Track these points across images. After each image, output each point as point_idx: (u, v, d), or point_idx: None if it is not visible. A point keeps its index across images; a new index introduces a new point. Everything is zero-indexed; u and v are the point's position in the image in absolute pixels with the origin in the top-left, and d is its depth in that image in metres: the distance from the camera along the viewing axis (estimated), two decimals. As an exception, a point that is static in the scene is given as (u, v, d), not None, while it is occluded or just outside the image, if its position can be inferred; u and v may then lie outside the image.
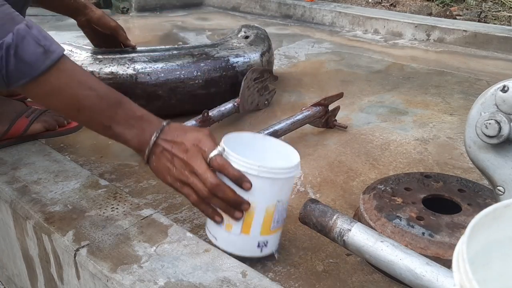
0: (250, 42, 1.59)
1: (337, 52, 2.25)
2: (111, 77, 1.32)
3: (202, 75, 1.39)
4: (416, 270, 0.67)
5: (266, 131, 1.21)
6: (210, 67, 1.41)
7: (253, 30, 1.67)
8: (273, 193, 0.76)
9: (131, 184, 1.10)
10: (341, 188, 1.09)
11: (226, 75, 1.43)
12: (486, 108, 0.72)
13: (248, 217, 0.76)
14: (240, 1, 3.29)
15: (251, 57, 1.51)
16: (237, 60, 1.46)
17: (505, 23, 3.03)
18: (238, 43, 1.56)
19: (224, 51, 1.48)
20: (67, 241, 0.76)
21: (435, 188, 0.92)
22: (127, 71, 1.32)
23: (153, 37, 2.49)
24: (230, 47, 1.52)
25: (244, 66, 1.47)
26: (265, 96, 1.53)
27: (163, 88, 1.35)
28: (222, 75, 1.42)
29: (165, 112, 1.26)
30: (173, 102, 1.38)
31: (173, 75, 1.36)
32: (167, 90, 1.36)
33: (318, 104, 1.33)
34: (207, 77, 1.39)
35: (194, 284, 0.67)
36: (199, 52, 1.44)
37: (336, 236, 0.76)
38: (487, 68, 2.02)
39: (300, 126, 1.29)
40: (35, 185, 0.92)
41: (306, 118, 1.30)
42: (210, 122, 1.33)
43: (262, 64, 1.54)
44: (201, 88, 1.40)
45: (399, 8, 3.37)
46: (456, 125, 1.42)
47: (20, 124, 1.09)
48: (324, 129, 1.38)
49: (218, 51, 1.47)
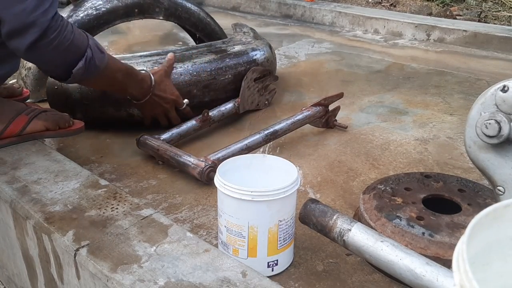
0: (254, 36, 1.62)
1: (337, 52, 2.25)
2: None
3: (231, 70, 1.42)
4: (416, 270, 0.67)
5: (266, 131, 1.21)
6: (236, 61, 1.44)
7: (245, 28, 1.71)
8: (273, 215, 0.76)
9: (131, 184, 1.10)
10: (341, 188, 1.09)
11: (250, 68, 1.46)
12: (486, 108, 0.72)
13: (252, 241, 0.77)
14: (240, 1, 3.29)
15: (264, 49, 1.55)
16: (256, 53, 1.51)
17: (505, 23, 3.03)
18: (245, 39, 1.58)
19: (239, 46, 1.50)
20: (67, 241, 0.76)
21: (435, 188, 0.92)
22: None
23: (153, 37, 2.49)
24: (242, 43, 1.54)
25: (262, 58, 1.51)
26: (265, 96, 1.53)
27: (198, 86, 1.36)
28: (247, 68, 1.45)
29: (198, 110, 1.31)
30: (207, 100, 1.39)
31: (205, 73, 1.37)
32: (201, 88, 1.37)
33: (318, 104, 1.33)
34: (234, 71, 1.43)
35: (194, 284, 0.67)
36: (217, 49, 1.45)
37: (336, 236, 0.76)
38: (487, 68, 2.02)
39: (300, 126, 1.29)
40: (35, 185, 0.92)
41: (306, 118, 1.30)
42: (210, 122, 1.33)
43: (273, 56, 1.58)
44: (231, 83, 1.42)
45: (399, 8, 3.37)
46: (456, 125, 1.42)
47: (20, 121, 1.09)
48: (324, 129, 1.38)
49: (233, 47, 1.49)
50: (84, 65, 0.98)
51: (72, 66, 0.98)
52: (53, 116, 1.15)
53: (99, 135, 1.35)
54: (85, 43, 0.99)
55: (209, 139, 1.33)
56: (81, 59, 0.98)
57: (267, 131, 1.21)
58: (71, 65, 0.98)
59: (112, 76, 1.09)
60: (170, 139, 1.22)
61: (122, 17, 1.57)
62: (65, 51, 0.95)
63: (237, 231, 0.77)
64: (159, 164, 1.18)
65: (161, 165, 1.17)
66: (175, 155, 1.12)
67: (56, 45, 0.92)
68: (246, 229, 0.76)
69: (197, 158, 1.08)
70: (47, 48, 0.92)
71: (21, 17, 0.88)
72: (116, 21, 1.57)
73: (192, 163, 1.07)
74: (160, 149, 1.15)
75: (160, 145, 1.16)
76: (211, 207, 1.01)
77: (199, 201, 1.03)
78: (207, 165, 1.06)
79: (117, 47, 1.61)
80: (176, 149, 1.14)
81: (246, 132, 1.35)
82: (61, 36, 0.93)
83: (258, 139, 1.19)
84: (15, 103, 1.16)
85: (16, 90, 1.32)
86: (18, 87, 1.35)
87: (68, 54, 0.97)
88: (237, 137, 1.23)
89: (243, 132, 1.37)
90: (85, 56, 0.98)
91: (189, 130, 1.28)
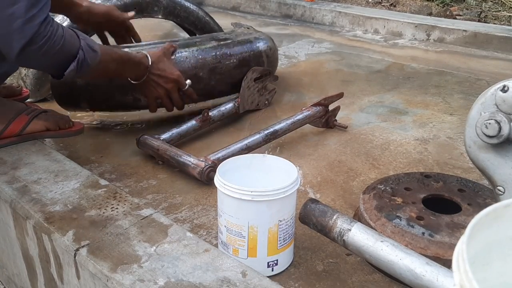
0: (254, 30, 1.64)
1: (337, 52, 2.25)
2: None
3: (236, 55, 1.44)
4: (416, 270, 0.67)
5: (266, 131, 1.21)
6: (240, 48, 1.46)
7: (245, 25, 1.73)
8: (272, 215, 0.76)
9: (131, 184, 1.10)
10: (341, 188, 1.09)
11: (254, 54, 1.49)
12: (486, 108, 0.72)
13: (252, 241, 0.77)
14: (240, 1, 3.29)
15: (267, 39, 1.58)
16: (259, 42, 1.54)
17: (505, 23, 3.03)
18: (247, 32, 1.60)
19: (242, 36, 1.52)
20: (67, 241, 0.76)
21: (435, 188, 0.92)
22: None
23: (153, 36, 2.49)
24: (245, 33, 1.56)
25: (265, 47, 1.54)
26: (265, 96, 1.53)
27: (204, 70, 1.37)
28: (251, 55, 1.48)
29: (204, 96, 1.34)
30: (213, 83, 1.40)
31: (210, 56, 1.38)
32: (207, 71, 1.37)
33: (318, 104, 1.33)
34: (239, 57, 1.45)
35: (194, 284, 0.67)
36: (221, 38, 1.47)
37: (336, 236, 0.76)
38: (487, 68, 2.02)
39: (300, 126, 1.29)
40: (35, 185, 0.92)
41: (306, 118, 1.30)
42: (210, 122, 1.33)
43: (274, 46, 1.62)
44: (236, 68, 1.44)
45: (399, 8, 3.37)
46: (456, 125, 1.42)
47: (20, 121, 1.09)
48: (324, 129, 1.38)
49: (236, 36, 1.51)
50: (76, 67, 0.97)
51: (64, 68, 0.97)
52: (54, 117, 1.16)
53: (99, 135, 1.35)
54: (76, 45, 0.97)
55: (209, 139, 1.33)
56: (73, 61, 0.97)
57: (267, 131, 1.21)
58: (63, 68, 0.97)
59: (106, 68, 1.09)
60: (170, 139, 1.22)
61: None
62: (56, 55, 0.94)
63: (237, 231, 0.77)
64: (159, 164, 1.18)
65: (161, 165, 1.17)
66: (175, 155, 1.12)
67: (46, 51, 0.91)
68: (246, 229, 0.76)
69: (197, 158, 1.08)
70: (37, 54, 0.91)
71: (8, 23, 0.86)
72: None
73: (192, 163, 1.07)
74: (160, 149, 1.15)
75: (160, 145, 1.16)
76: (211, 207, 1.01)
77: (199, 201, 1.03)
78: (207, 165, 1.06)
79: (117, 47, 1.62)
80: (176, 149, 1.14)
81: (246, 132, 1.35)
82: (50, 41, 0.91)
83: (258, 139, 1.19)
84: (15, 103, 1.16)
85: (15, 90, 1.32)
86: (17, 86, 1.35)
87: (59, 58, 0.96)
88: (237, 137, 1.23)
89: (243, 132, 1.37)
90: (77, 58, 0.97)
91: (189, 130, 1.28)
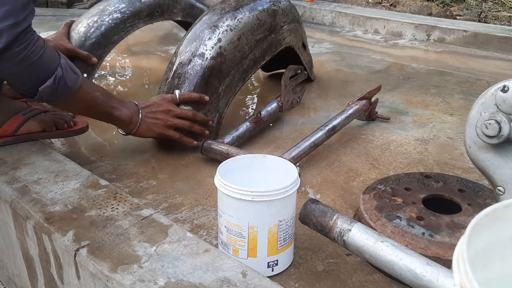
0: None
1: (337, 52, 2.25)
2: None
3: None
4: (416, 270, 0.67)
5: (327, 127, 1.22)
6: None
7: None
8: (273, 215, 0.76)
9: (131, 184, 1.10)
10: (341, 188, 1.09)
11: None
12: (486, 108, 0.72)
13: (252, 241, 0.77)
14: (240, 1, 3.28)
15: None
16: None
17: (505, 23, 3.03)
18: None
19: None
20: (67, 241, 0.76)
21: (435, 188, 0.92)
22: None
23: (153, 37, 2.49)
24: None
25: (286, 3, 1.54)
26: (297, 94, 1.53)
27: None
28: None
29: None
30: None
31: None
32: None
33: (363, 98, 1.35)
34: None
35: (194, 284, 0.67)
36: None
37: (336, 236, 0.76)
38: (487, 68, 2.02)
39: (351, 120, 1.32)
40: (35, 185, 0.92)
41: (356, 112, 1.32)
42: (261, 122, 1.34)
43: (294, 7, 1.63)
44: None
45: (399, 8, 3.37)
46: (456, 125, 1.42)
47: (14, 122, 1.08)
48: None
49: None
50: (53, 84, 0.93)
51: (39, 84, 0.92)
52: (52, 117, 1.14)
53: (99, 135, 1.35)
54: (56, 61, 0.94)
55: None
56: (49, 77, 0.93)
57: (327, 127, 1.23)
58: (38, 82, 0.92)
59: (89, 98, 1.02)
60: (232, 142, 1.22)
61: (145, 18, 1.58)
62: (32, 66, 0.90)
63: (237, 231, 0.77)
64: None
65: (160, 165, 1.17)
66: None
67: (21, 59, 0.88)
68: (246, 229, 0.76)
69: None
70: (11, 60, 0.87)
71: None
72: (140, 24, 1.58)
73: None
74: (230, 153, 1.13)
75: (229, 149, 1.15)
76: (211, 207, 1.01)
77: (199, 201, 1.03)
78: None
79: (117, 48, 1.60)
80: (245, 151, 1.13)
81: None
82: (28, 50, 0.88)
83: (322, 136, 1.20)
84: (15, 102, 1.14)
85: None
86: None
87: (35, 70, 0.92)
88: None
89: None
90: (55, 75, 0.93)
91: (246, 132, 1.29)
